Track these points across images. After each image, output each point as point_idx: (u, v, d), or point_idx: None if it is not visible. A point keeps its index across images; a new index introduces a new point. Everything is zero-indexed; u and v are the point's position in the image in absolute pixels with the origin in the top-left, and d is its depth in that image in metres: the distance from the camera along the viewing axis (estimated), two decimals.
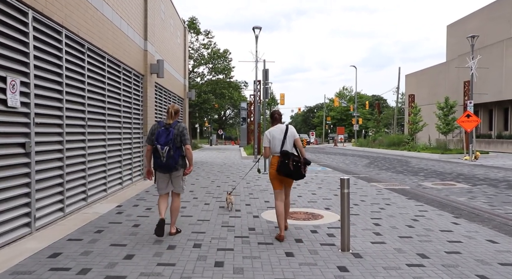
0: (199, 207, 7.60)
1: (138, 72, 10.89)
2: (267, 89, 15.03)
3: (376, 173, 15.27)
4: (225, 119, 72.30)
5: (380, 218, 6.86)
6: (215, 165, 17.65)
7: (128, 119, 10.08)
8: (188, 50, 40.18)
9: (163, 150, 5.12)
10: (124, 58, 9.47)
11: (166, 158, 5.14)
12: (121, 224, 6.14)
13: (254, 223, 6.35)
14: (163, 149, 5.12)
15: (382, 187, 10.92)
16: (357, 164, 20.34)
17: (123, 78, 9.67)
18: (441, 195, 9.69)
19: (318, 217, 6.90)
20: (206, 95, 37.00)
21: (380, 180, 12.92)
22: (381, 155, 28.37)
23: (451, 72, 39.33)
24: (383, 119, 47.83)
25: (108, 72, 8.58)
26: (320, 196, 9.16)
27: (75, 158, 6.86)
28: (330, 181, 12.06)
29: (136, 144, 10.83)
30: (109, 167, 8.57)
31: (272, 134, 5.57)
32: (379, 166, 18.59)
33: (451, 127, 26.35)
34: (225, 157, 23.89)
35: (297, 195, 9.32)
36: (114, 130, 8.98)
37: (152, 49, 12.19)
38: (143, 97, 11.51)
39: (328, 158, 25.83)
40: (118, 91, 9.22)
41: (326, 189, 10.27)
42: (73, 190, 6.71)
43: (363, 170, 16.79)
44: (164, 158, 5.14)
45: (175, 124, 5.30)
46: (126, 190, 9.47)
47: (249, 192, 9.68)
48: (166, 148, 5.12)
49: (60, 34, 6.18)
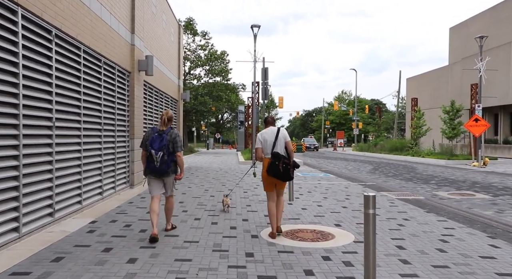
0: (187, 224, 6.47)
1: (123, 68, 9.78)
2: (266, 89, 13.94)
3: (383, 181, 14.17)
4: (223, 122, 71.14)
5: (402, 238, 5.75)
6: (211, 170, 16.52)
7: (110, 120, 8.95)
8: (184, 51, 39.19)
9: (157, 155, 5.36)
10: (105, 51, 8.36)
11: (159, 163, 5.38)
12: (89, 247, 5.00)
13: (253, 246, 5.22)
14: (157, 154, 5.36)
15: (394, 197, 9.83)
16: (360, 170, 19.24)
17: (105, 74, 8.56)
18: (463, 208, 8.60)
19: (328, 237, 5.79)
20: (203, 98, 35.86)
21: (389, 188, 11.82)
22: (384, 161, 27.30)
23: (454, 75, 38.41)
24: (383, 123, 46.70)
25: (85, 66, 7.46)
26: (327, 209, 8.05)
27: (38, 165, 5.73)
28: (335, 190, 10.95)
29: (120, 149, 9.70)
30: (85, 175, 7.43)
31: (263, 137, 5.71)
32: (385, 173, 17.50)
33: (457, 132, 25.31)
34: (221, 162, 22.76)
35: (301, 207, 8.21)
36: (92, 133, 7.86)
37: (141, 44, 11.08)
38: (130, 96, 10.39)
39: (329, 163, 24.74)
40: (97, 88, 8.10)
41: (333, 200, 9.16)
42: (34, 204, 5.57)
43: (368, 176, 15.69)
44: (157, 162, 5.37)
45: (168, 130, 5.51)
46: (106, 201, 8.33)
47: (247, 203, 8.56)
48: (160, 154, 5.36)
49: (15, 14, 5.06)
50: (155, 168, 5.40)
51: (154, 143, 5.38)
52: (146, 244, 5.17)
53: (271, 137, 5.63)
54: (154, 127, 5.59)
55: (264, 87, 14.04)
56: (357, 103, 73.82)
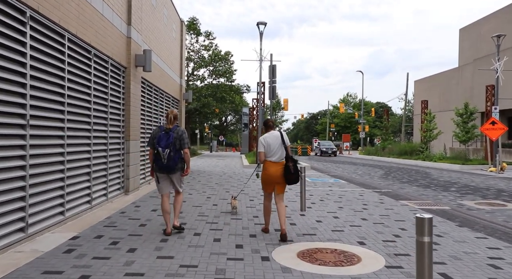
0: (185, 240, 5.51)
1: (118, 62, 8.86)
2: (274, 88, 12.97)
3: (399, 187, 13.17)
4: (226, 125, 70.24)
5: (443, 263, 4.76)
6: (214, 175, 15.56)
7: (102, 119, 8.02)
8: (188, 51, 38.36)
9: (164, 153, 5.51)
10: (96, 42, 7.44)
11: (167, 160, 5.52)
12: (61, 275, 4.05)
13: (264, 273, 4.26)
14: (164, 151, 5.51)
15: (416, 207, 8.84)
16: (371, 175, 18.23)
17: (96, 67, 7.63)
18: (498, 221, 7.59)
19: (353, 260, 4.81)
20: (206, 99, 34.96)
21: (408, 196, 10.81)
22: (394, 165, 26.25)
23: (465, 77, 37.33)
24: (390, 126, 45.55)
25: (71, 57, 6.54)
26: (345, 221, 7.07)
27: (7, 171, 4.79)
28: (349, 198, 9.97)
29: (114, 151, 8.76)
30: (70, 181, 6.50)
31: (267, 141, 5.79)
32: (398, 178, 16.49)
33: (471, 136, 24.23)
34: (225, 165, 21.81)
35: (315, 219, 7.24)
36: (79, 133, 6.92)
37: (139, 38, 10.17)
38: (125, 94, 9.47)
39: (337, 167, 23.73)
40: (86, 83, 7.18)
41: (349, 210, 8.18)
42: (1, 218, 4.63)
43: (381, 182, 14.69)
44: (165, 160, 5.52)
45: (174, 128, 5.70)
46: (96, 211, 7.39)
47: (253, 214, 7.59)
48: (167, 151, 5.51)
49: None
50: (162, 165, 5.57)
51: (161, 141, 5.55)
52: (133, 271, 4.22)
53: (275, 141, 5.78)
54: (161, 126, 5.77)
55: (271, 85, 13.08)
56: (363, 106, 72.84)
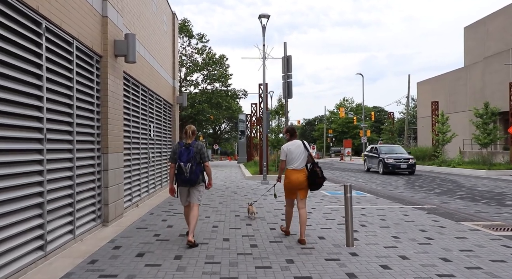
0: None
1: (88, 47, 6.52)
2: (289, 84, 10.66)
3: (440, 201, 10.93)
4: (220, 133, 67.82)
5: None
6: (215, 190, 13.17)
7: (63, 125, 5.65)
8: (180, 55, 36.05)
9: (186, 167, 5.70)
10: (50, 10, 5.10)
11: (189, 174, 5.71)
12: None
13: None
14: (186, 166, 5.70)
15: (495, 234, 6.58)
16: (393, 184, 15.97)
17: (49, 48, 5.27)
18: None
19: None
20: (201, 105, 32.60)
21: (466, 215, 8.55)
22: None
23: (473, 77, 35.42)
24: (389, 131, 43.25)
25: (3, 26, 4.20)
26: (424, 266, 4.77)
27: None
28: (395, 221, 7.70)
29: (84, 169, 6.37)
30: (4, 222, 4.11)
31: (289, 149, 5.97)
32: (427, 188, 14.25)
33: (493, 138, 22.11)
34: (224, 177, 19.41)
35: (377, 263, 4.90)
36: (23, 145, 4.54)
37: (119, 20, 7.85)
38: (102, 91, 7.12)
39: (348, 176, 21.47)
40: (34, 70, 4.81)
41: (411, 242, 5.89)
42: None
43: (413, 195, 12.42)
44: (187, 173, 5.71)
45: (194, 143, 5.86)
46: (52, 260, 4.98)
47: (285, 255, 5.24)
48: (189, 165, 5.70)
49: None
50: (185, 179, 5.74)
51: (182, 156, 5.73)
52: None
53: (297, 150, 5.97)
54: (181, 142, 5.90)
55: (286, 81, 10.77)
56: (359, 111, 70.87)
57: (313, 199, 10.98)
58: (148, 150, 10.98)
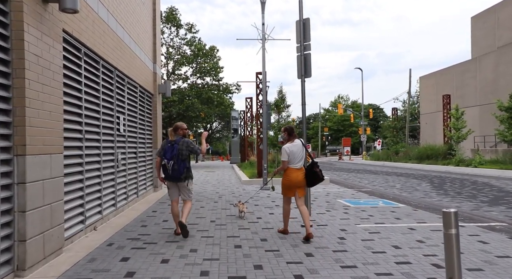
0: None
1: None
2: (307, 58, 7.90)
3: (503, 214, 8.30)
4: (212, 132, 64.89)
5: None
6: (205, 199, 10.40)
7: None
8: (166, 47, 33.17)
9: (169, 164, 5.95)
10: None
11: (171, 171, 5.97)
12: None
13: None
14: (168, 163, 5.95)
15: None
16: (418, 189, 13.33)
17: None
18: None
19: None
20: (190, 101, 29.74)
21: None
22: (420, 172, 21.54)
23: (484, 69, 33.05)
24: (387, 128, 40.79)
25: None
26: None
27: None
28: (475, 252, 4.98)
29: None
30: None
31: (291, 149, 6.04)
32: (465, 194, 11.61)
33: None
34: (217, 180, 16.63)
35: None
36: None
37: None
38: (14, 52, 4.30)
39: (356, 177, 18.86)
40: None
41: None
42: None
43: (457, 204, 9.77)
44: (169, 170, 5.98)
45: (179, 140, 6.06)
46: None
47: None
48: (171, 162, 5.94)
49: None
50: (168, 175, 6.04)
51: (167, 153, 5.99)
52: None
53: (298, 150, 6.08)
54: (168, 139, 6.15)
55: (302, 54, 8.01)
56: (355, 109, 68.32)
57: (334, 212, 8.30)
58: (115, 149, 8.18)
